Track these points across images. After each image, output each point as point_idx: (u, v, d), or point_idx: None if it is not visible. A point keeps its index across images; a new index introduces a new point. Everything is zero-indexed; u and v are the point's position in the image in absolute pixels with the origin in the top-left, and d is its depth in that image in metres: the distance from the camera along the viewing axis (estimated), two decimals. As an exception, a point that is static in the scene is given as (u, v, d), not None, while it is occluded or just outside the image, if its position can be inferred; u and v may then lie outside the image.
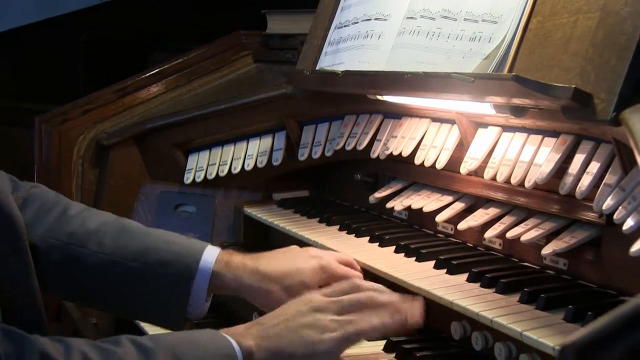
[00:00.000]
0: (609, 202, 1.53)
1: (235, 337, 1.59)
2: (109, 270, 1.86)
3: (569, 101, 1.53)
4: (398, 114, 2.16)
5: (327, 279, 1.90)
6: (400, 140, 2.12)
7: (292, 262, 1.91)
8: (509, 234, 1.84)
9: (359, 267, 1.99)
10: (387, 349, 1.69)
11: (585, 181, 1.63)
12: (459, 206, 2.03)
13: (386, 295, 1.75)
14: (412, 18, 1.93)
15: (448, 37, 1.83)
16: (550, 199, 1.79)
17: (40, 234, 1.83)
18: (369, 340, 1.74)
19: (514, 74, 1.64)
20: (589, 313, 1.53)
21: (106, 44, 5.51)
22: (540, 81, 1.60)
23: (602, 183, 1.62)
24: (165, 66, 2.74)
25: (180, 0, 5.66)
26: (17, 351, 1.38)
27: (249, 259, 1.89)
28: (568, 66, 1.60)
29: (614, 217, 1.50)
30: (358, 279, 1.89)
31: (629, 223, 1.43)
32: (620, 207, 1.50)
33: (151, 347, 1.49)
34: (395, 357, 1.68)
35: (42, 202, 1.92)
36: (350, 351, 1.71)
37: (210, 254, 1.88)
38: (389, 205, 2.20)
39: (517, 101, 1.67)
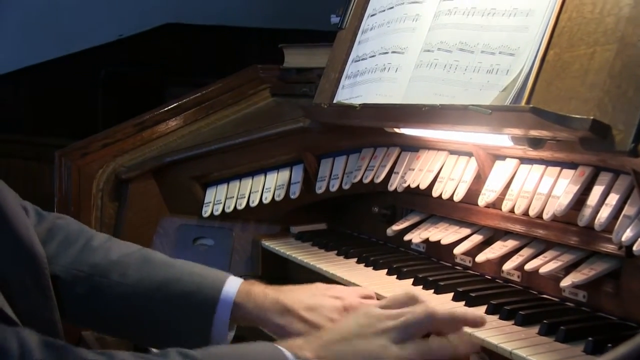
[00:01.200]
0: (628, 234, 1.52)
1: (291, 349, 1.53)
2: (132, 301, 1.85)
3: (587, 132, 1.51)
4: (415, 146, 2.15)
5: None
6: (417, 173, 2.11)
7: (315, 298, 1.88)
8: (528, 266, 1.83)
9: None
10: None
11: (604, 213, 1.62)
12: (477, 238, 2.02)
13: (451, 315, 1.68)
14: (429, 51, 1.93)
15: (465, 69, 1.82)
16: (569, 230, 1.78)
17: (64, 265, 1.82)
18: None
19: (531, 105, 1.62)
20: (609, 345, 1.50)
21: (124, 79, 5.54)
22: (558, 113, 1.57)
23: (622, 214, 1.60)
24: (184, 100, 2.74)
25: (196, 37, 5.69)
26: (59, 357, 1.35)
27: (270, 289, 1.87)
28: (586, 98, 1.59)
29: (634, 248, 1.49)
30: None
31: None
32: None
33: (198, 356, 1.45)
34: None
35: (66, 233, 1.91)
36: None
37: (232, 285, 1.85)
38: (406, 237, 2.19)
39: (534, 133, 1.66)
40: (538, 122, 1.58)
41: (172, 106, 2.73)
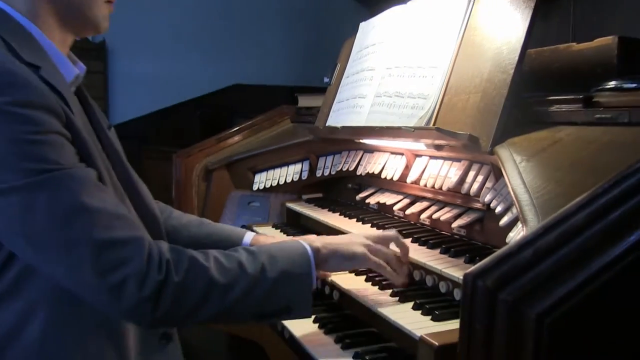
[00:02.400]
0: (488, 197, 1.50)
1: (307, 240, 1.41)
2: (195, 242, 1.68)
3: (466, 141, 1.47)
4: (372, 149, 2.10)
5: None
6: (373, 165, 2.06)
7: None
8: (434, 216, 1.77)
9: None
10: (392, 294, 1.50)
11: (475, 186, 1.58)
12: (406, 201, 1.96)
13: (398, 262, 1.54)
14: (378, 96, 1.87)
15: (399, 106, 1.76)
16: (456, 196, 1.73)
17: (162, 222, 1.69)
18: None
19: (435, 126, 1.58)
20: (477, 258, 1.46)
21: (210, 116, 5.49)
22: (450, 130, 1.52)
23: (484, 186, 1.55)
24: (242, 125, 2.69)
25: (250, 90, 5.66)
26: (178, 256, 1.22)
27: (265, 238, 1.76)
28: (465, 122, 1.52)
29: (491, 205, 1.47)
30: None
31: (499, 208, 1.41)
32: (494, 200, 1.46)
33: (255, 250, 1.34)
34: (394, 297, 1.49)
35: (160, 209, 1.71)
36: (366, 292, 1.56)
37: (248, 235, 1.72)
38: (367, 200, 2.14)
39: (437, 142, 1.62)
40: (439, 135, 1.54)
41: (236, 129, 2.68)
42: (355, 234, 1.55)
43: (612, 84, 1.24)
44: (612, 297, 0.62)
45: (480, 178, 1.57)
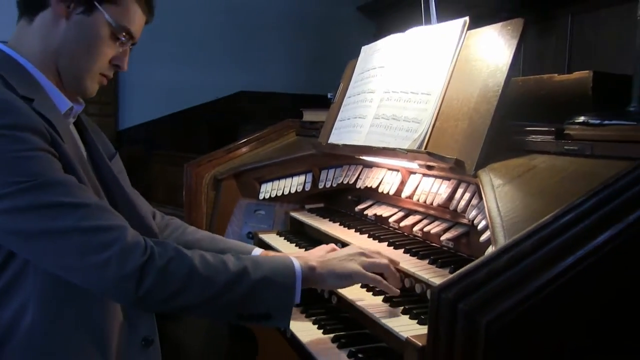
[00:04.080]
0: (473, 214, 1.60)
1: (301, 259, 1.48)
2: None
3: (452, 164, 1.58)
4: (370, 165, 2.19)
5: None
6: (371, 179, 2.15)
7: (299, 253, 1.87)
8: (425, 229, 1.88)
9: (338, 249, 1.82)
10: (384, 300, 1.62)
11: (462, 203, 1.68)
12: (401, 214, 2.06)
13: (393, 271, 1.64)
14: (377, 118, 1.98)
15: (395, 129, 1.86)
16: (446, 211, 1.82)
17: (172, 240, 1.79)
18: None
19: (426, 150, 1.69)
20: (461, 268, 1.62)
21: (219, 120, 5.56)
22: (439, 154, 1.64)
23: (470, 204, 1.64)
24: (250, 137, 2.75)
25: (257, 98, 5.75)
26: (163, 246, 1.32)
27: (275, 254, 1.82)
28: (453, 147, 1.62)
29: (474, 222, 1.57)
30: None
31: (480, 225, 1.51)
32: (477, 217, 1.56)
33: (242, 256, 1.41)
34: (386, 303, 1.61)
35: (175, 226, 1.89)
36: (361, 297, 1.66)
37: (256, 251, 1.80)
38: (365, 212, 2.24)
39: (428, 163, 1.74)
40: (429, 158, 1.66)
41: (243, 140, 2.76)
42: (348, 251, 1.63)
43: (581, 118, 1.38)
44: (547, 310, 0.78)
45: (467, 196, 1.68)
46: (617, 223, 0.84)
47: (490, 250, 1.29)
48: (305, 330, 1.64)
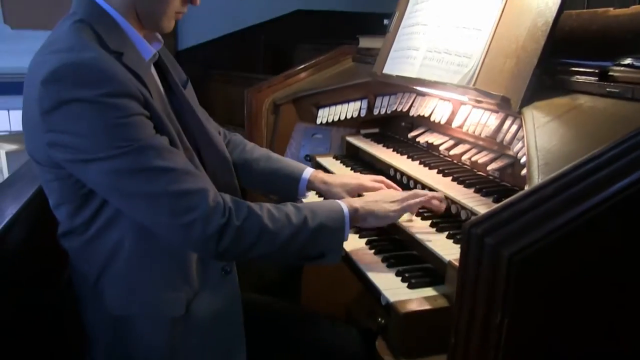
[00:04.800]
0: (517, 147, 1.68)
1: (347, 202, 1.64)
2: (264, 175, 1.99)
3: (499, 101, 1.66)
4: (424, 94, 2.25)
5: (363, 189, 1.94)
6: (424, 108, 2.22)
7: (343, 179, 1.97)
8: (473, 158, 1.98)
9: (390, 183, 1.98)
10: (431, 225, 1.76)
11: (508, 136, 1.76)
12: (451, 142, 2.16)
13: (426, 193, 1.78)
14: (430, 51, 2.04)
15: (447, 62, 1.93)
16: (493, 142, 1.91)
17: (233, 157, 1.93)
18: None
19: (474, 87, 1.78)
20: (503, 199, 1.49)
21: (275, 40, 5.63)
22: (486, 90, 1.72)
23: (515, 137, 1.71)
24: (307, 64, 2.82)
25: (312, 18, 5.74)
26: (238, 205, 1.47)
27: (325, 175, 1.97)
28: (500, 84, 1.68)
29: (518, 154, 1.65)
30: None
31: (523, 159, 1.58)
32: (520, 151, 1.64)
33: (300, 206, 1.56)
34: (433, 227, 1.75)
35: (235, 143, 2.04)
36: (410, 221, 1.78)
37: (308, 171, 1.96)
38: (417, 139, 2.34)
39: (477, 98, 1.82)
40: (477, 94, 1.75)
41: (301, 67, 2.83)
42: (389, 193, 1.77)
43: (627, 60, 1.44)
44: (562, 248, 0.92)
45: (513, 129, 1.74)
46: (633, 174, 0.95)
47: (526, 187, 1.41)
48: (358, 249, 1.77)
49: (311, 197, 2.09)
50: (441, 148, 2.18)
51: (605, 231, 0.94)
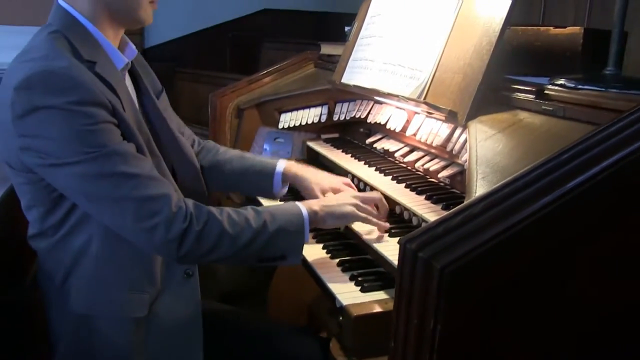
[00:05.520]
0: (465, 157, 1.72)
1: (306, 204, 1.70)
2: (237, 174, 2.03)
3: (447, 115, 1.74)
4: (381, 102, 2.32)
5: (334, 190, 1.99)
6: (381, 115, 2.31)
7: (318, 176, 2.05)
8: (425, 165, 2.06)
9: (353, 187, 2.05)
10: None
11: (457, 145, 1.84)
12: (406, 149, 2.24)
13: (384, 203, 1.88)
14: (385, 63, 2.13)
15: (400, 75, 2.01)
16: (444, 151, 1.99)
17: (206, 161, 2.01)
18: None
19: (424, 100, 1.86)
20: (451, 206, 1.74)
21: (242, 38, 5.66)
22: (435, 104, 1.81)
23: (464, 147, 1.77)
24: (270, 69, 2.87)
25: (279, 16, 5.77)
26: (199, 210, 1.53)
27: (299, 168, 2.04)
28: (449, 97, 1.75)
29: (466, 164, 1.65)
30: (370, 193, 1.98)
31: None
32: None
33: (260, 210, 1.62)
34: (385, 233, 1.83)
35: (208, 148, 2.09)
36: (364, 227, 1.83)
37: (281, 164, 2.02)
38: (375, 145, 2.43)
39: (428, 110, 1.91)
40: (428, 107, 1.84)
41: (265, 72, 2.89)
42: (345, 194, 1.86)
43: (561, 81, 1.56)
44: (489, 260, 1.02)
45: (462, 139, 1.81)
46: (555, 191, 1.06)
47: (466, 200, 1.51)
48: (315, 254, 1.84)
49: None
50: (396, 155, 2.26)
51: (528, 244, 1.04)
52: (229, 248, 1.53)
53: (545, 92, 1.58)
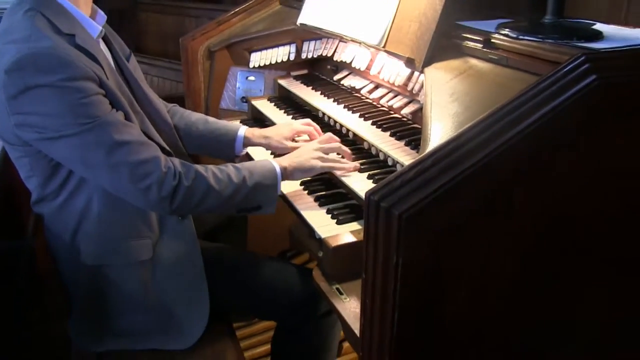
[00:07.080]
0: (423, 97, 1.86)
1: (277, 161, 1.86)
2: (202, 138, 2.16)
3: (406, 61, 1.86)
4: (346, 41, 2.41)
5: (297, 133, 2.18)
6: (346, 54, 2.43)
7: (279, 130, 2.19)
8: (389, 102, 2.19)
9: (316, 126, 2.22)
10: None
11: (417, 86, 2.00)
12: (371, 86, 2.37)
13: (344, 149, 2.01)
14: (347, 8, 2.20)
15: (362, 20, 2.10)
16: (405, 89, 2.13)
17: (175, 122, 2.12)
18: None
19: (384, 47, 1.98)
20: (413, 142, 1.89)
21: None
22: (394, 52, 1.92)
23: (422, 87, 1.89)
24: (237, 9, 2.92)
25: None
26: (187, 168, 1.67)
27: (261, 130, 2.18)
28: (407, 44, 1.86)
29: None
30: (328, 135, 2.08)
31: None
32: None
33: (239, 166, 1.77)
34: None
35: (174, 111, 2.20)
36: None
37: (242, 129, 2.15)
38: (342, 82, 2.56)
39: (388, 55, 2.04)
40: (389, 54, 1.98)
41: (232, 12, 2.93)
42: (308, 148, 1.97)
43: (505, 30, 1.72)
44: (440, 207, 1.23)
45: (421, 79, 1.94)
46: (490, 145, 1.28)
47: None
48: (294, 191, 1.99)
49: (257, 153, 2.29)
50: (362, 91, 2.38)
51: (470, 192, 1.26)
52: (214, 201, 1.69)
53: (492, 40, 1.70)
